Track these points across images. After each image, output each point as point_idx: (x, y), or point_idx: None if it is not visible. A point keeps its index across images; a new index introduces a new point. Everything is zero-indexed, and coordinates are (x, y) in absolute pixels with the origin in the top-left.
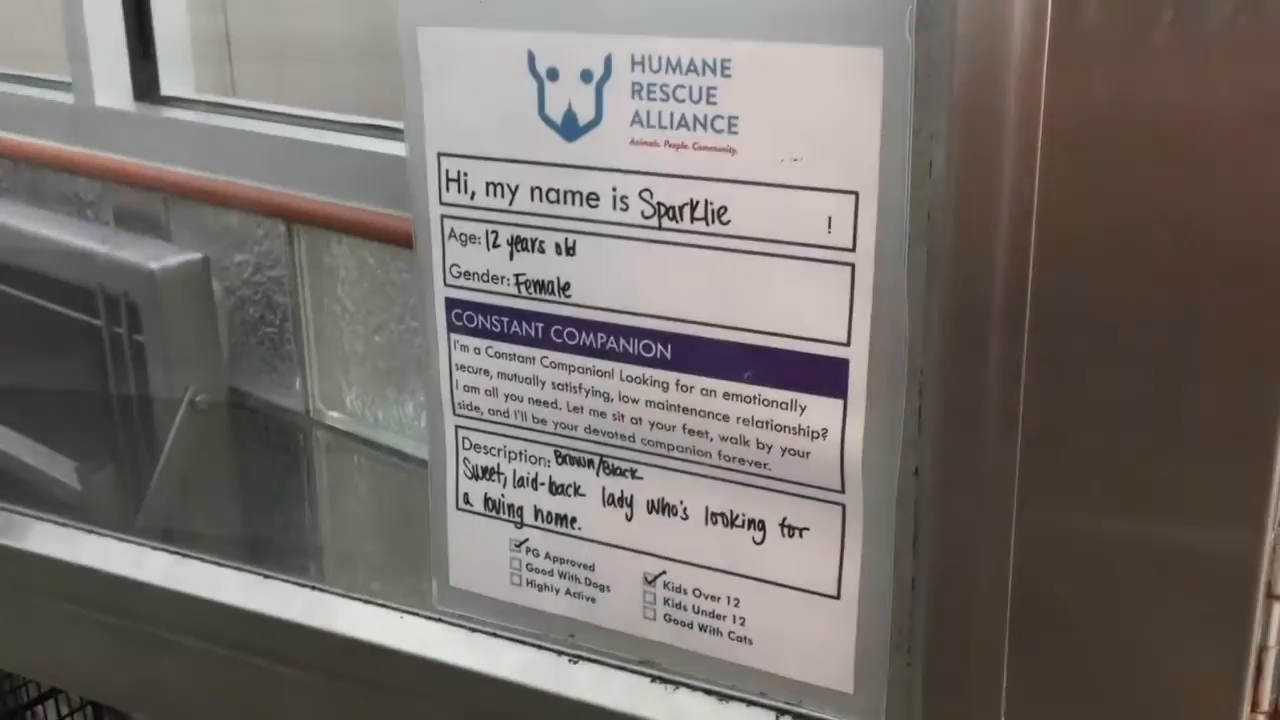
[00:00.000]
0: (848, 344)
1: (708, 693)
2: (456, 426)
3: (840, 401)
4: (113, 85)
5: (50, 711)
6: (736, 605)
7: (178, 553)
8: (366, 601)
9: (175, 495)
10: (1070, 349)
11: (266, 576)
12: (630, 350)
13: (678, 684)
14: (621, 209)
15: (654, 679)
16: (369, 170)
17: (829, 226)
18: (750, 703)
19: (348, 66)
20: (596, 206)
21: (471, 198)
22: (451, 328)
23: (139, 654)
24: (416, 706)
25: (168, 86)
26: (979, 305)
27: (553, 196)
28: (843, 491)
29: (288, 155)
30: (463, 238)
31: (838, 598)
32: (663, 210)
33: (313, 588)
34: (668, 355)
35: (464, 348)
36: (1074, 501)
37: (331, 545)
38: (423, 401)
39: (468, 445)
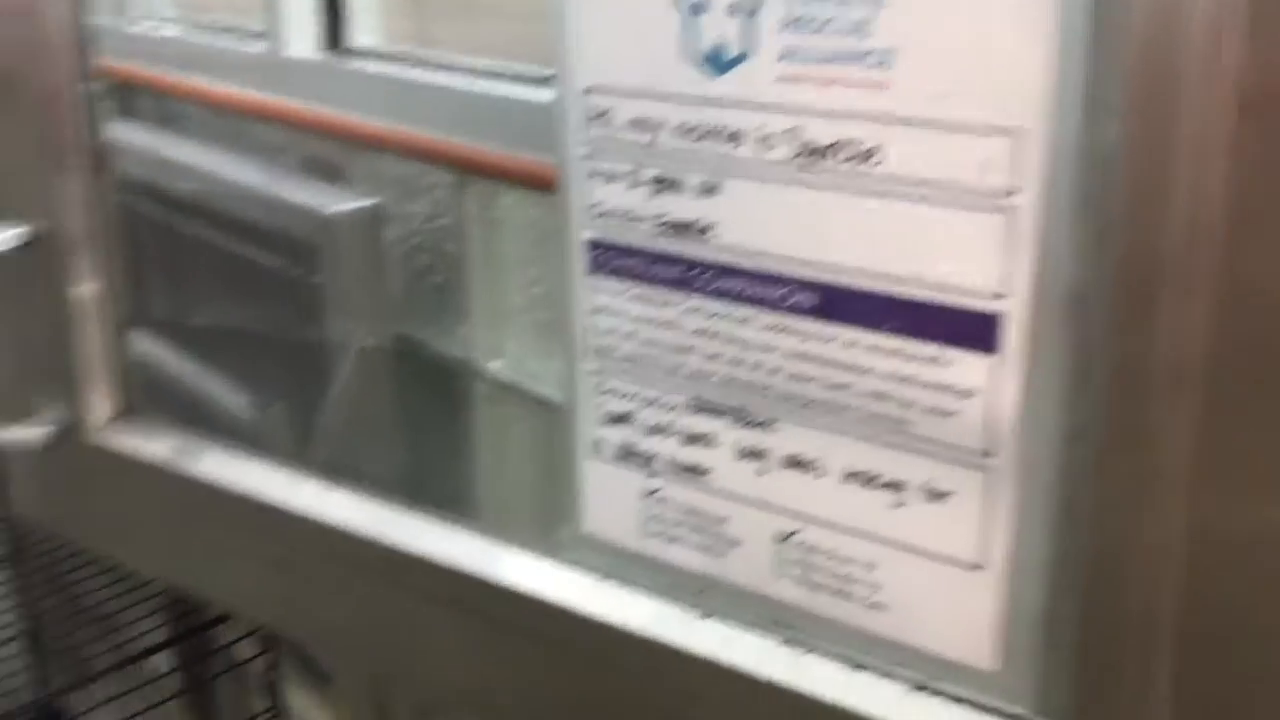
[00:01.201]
0: (1004, 297)
1: (839, 660)
2: (592, 371)
3: (993, 358)
4: (302, 36)
5: (226, 634)
6: (872, 571)
7: (334, 485)
8: (501, 543)
9: (339, 434)
10: (1260, 307)
11: (407, 510)
12: (771, 297)
13: (809, 648)
14: (767, 148)
15: (783, 641)
16: (540, 122)
17: (988, 169)
18: (883, 674)
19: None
20: (741, 145)
21: (615, 135)
22: (590, 269)
23: (292, 579)
24: (540, 650)
25: (355, 38)
26: (1154, 258)
27: (697, 134)
28: (992, 455)
29: (462, 107)
30: (604, 176)
31: (983, 568)
32: (810, 150)
33: (450, 524)
34: (810, 303)
35: (602, 290)
36: (1256, 479)
37: (479, 490)
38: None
39: (602, 390)
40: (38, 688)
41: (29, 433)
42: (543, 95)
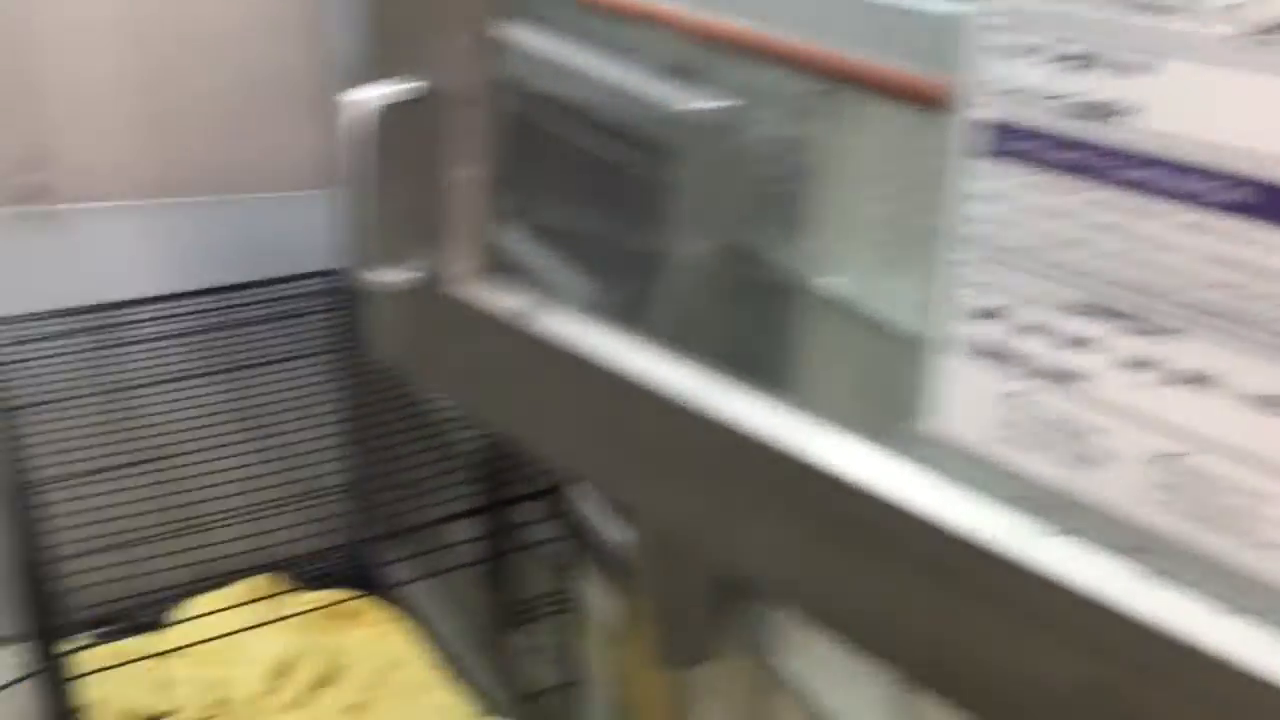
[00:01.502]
0: None
1: (1212, 599)
2: (964, 261)
3: None
4: None
5: (528, 513)
6: (1265, 506)
7: (669, 356)
8: (839, 431)
9: (668, 333)
10: None
11: (740, 387)
12: (1193, 192)
13: (1176, 581)
14: (1210, 23)
15: (1148, 571)
16: (913, 30)
17: None
18: (1266, 620)
19: None
20: (1174, 18)
21: (1029, 4)
22: (979, 152)
23: (618, 442)
24: (865, 548)
25: None
26: None
27: (1125, 4)
28: None
29: (836, 12)
30: (1010, 51)
31: None
32: (1265, 28)
33: (784, 406)
34: (1240, 201)
35: (989, 174)
36: None
37: (802, 397)
38: (923, 278)
39: (973, 282)
40: (352, 533)
41: (395, 275)
42: (918, 3)
